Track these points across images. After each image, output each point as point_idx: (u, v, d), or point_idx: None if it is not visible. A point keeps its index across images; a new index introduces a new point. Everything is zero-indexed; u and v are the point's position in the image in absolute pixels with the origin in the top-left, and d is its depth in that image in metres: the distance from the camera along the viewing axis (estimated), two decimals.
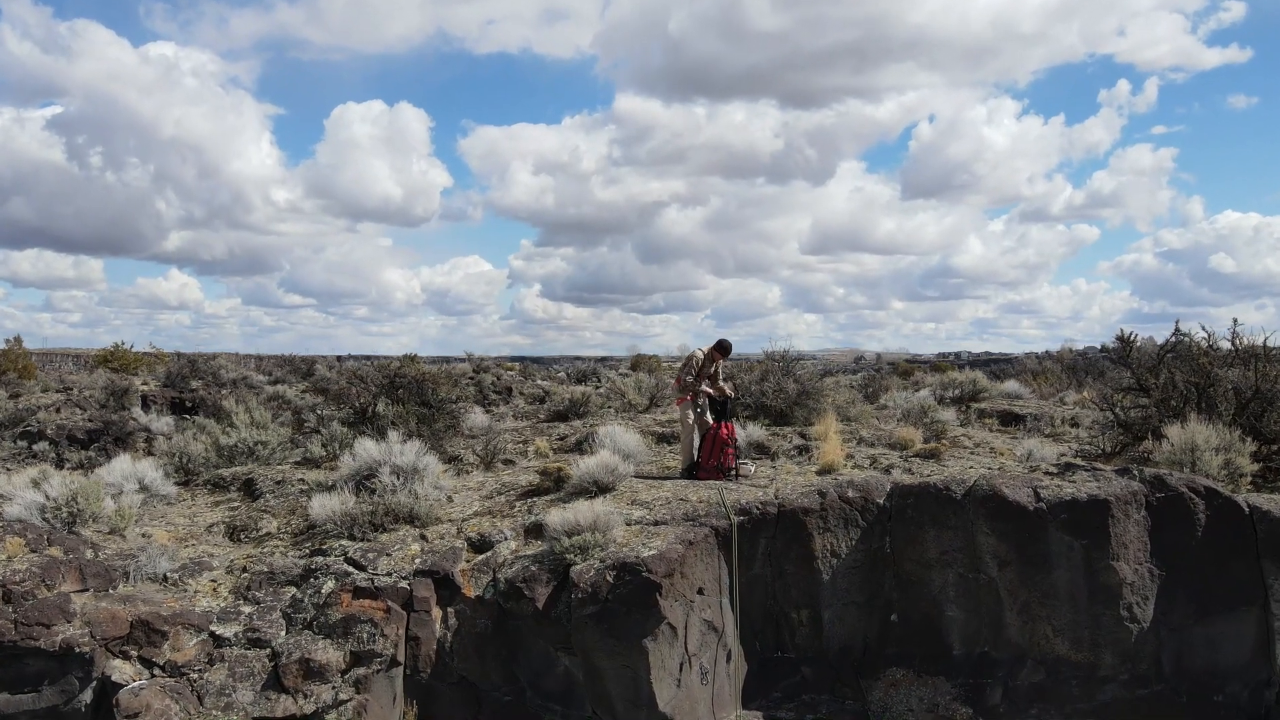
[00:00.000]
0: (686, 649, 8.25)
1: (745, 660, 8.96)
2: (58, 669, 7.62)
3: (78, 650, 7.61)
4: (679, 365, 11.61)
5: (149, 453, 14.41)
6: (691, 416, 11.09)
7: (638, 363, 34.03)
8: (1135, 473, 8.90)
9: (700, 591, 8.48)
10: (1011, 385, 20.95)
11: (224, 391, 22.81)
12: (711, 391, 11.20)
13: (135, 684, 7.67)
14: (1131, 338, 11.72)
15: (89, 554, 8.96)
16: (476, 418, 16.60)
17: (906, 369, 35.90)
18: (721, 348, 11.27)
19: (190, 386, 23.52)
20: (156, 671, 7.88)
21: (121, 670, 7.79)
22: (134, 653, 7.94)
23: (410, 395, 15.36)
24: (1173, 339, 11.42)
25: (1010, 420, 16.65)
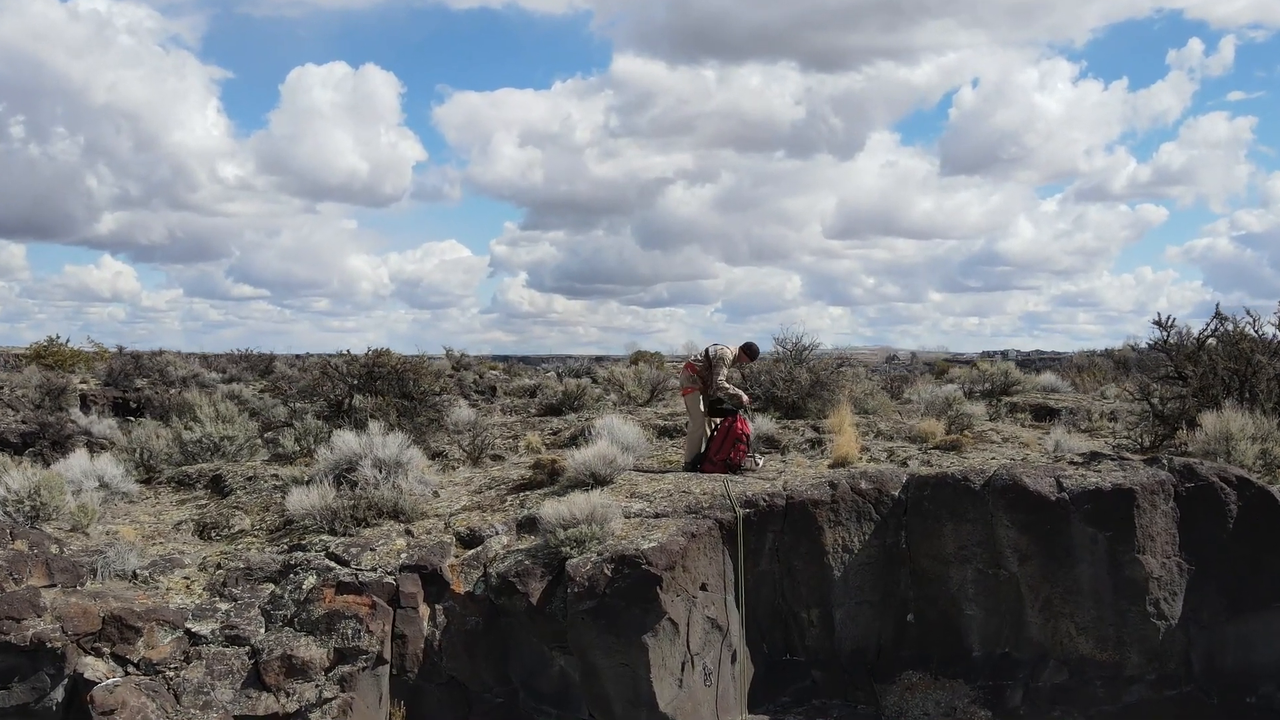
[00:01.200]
0: (689, 647, 8.82)
1: (752, 663, 9.53)
2: (28, 665, 8.18)
3: (49, 645, 8.18)
4: (704, 358, 11.94)
5: (101, 450, 14.94)
6: (703, 406, 11.64)
7: (637, 361, 34.58)
8: (1164, 462, 9.48)
9: (703, 587, 9.05)
10: (1048, 378, 21.49)
11: (172, 391, 23.05)
12: (743, 396, 11.72)
13: (109, 681, 8.24)
14: (1170, 322, 12.28)
15: (53, 549, 9.52)
16: (461, 412, 17.16)
17: (944, 368, 36.15)
18: (750, 352, 11.81)
19: (135, 385, 23.67)
20: (131, 669, 8.45)
21: (94, 668, 8.35)
22: (107, 650, 8.51)
23: (389, 387, 15.92)
24: (1213, 324, 11.98)
25: (1044, 415, 17.17)
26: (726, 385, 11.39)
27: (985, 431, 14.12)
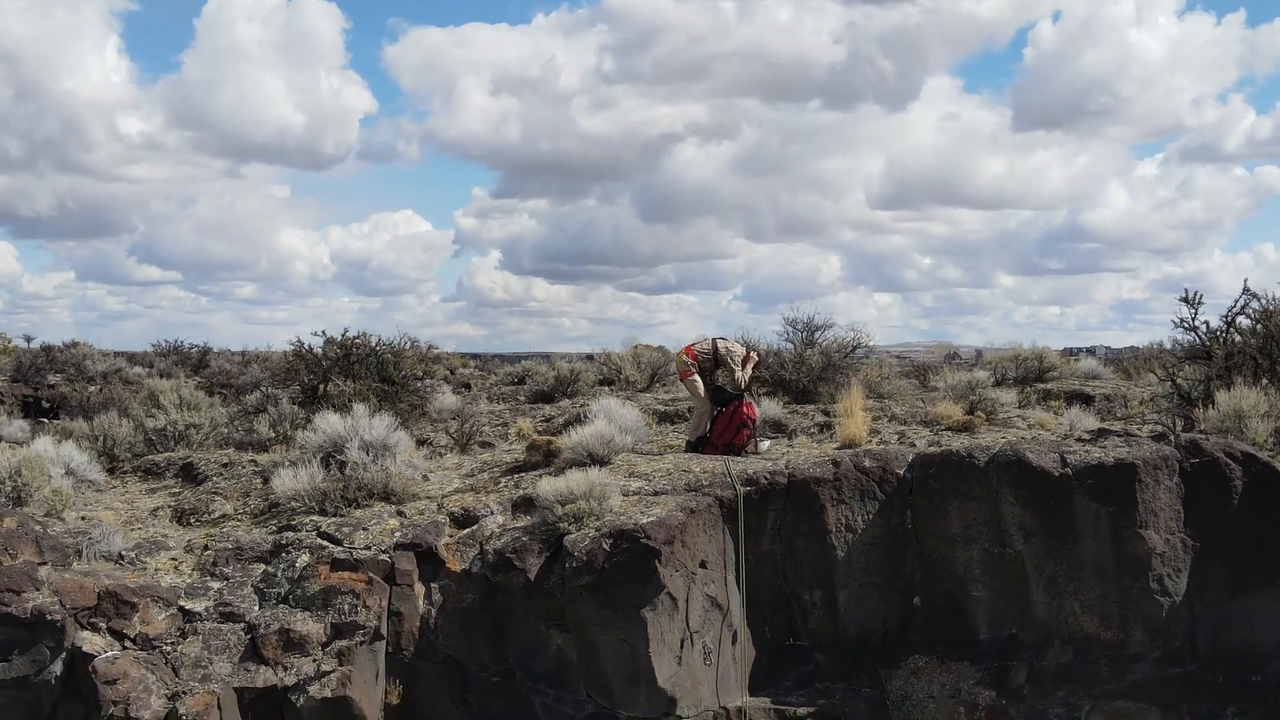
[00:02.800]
0: (688, 624, 10.29)
1: (754, 646, 11.00)
2: (28, 638, 9.65)
3: (49, 618, 9.65)
4: (711, 350, 13.46)
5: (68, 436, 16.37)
6: (703, 389, 13.09)
7: (636, 355, 35.82)
8: (1171, 438, 10.94)
9: (703, 565, 10.52)
10: (1088, 364, 22.99)
11: (92, 388, 23.61)
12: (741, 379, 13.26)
13: (109, 653, 9.71)
14: (1197, 298, 13.73)
15: (38, 529, 10.99)
16: (445, 398, 18.64)
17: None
18: (749, 359, 13.54)
19: (48, 383, 24.08)
20: (127, 644, 9.93)
21: (92, 641, 9.83)
22: (103, 625, 9.98)
23: (368, 371, 17.42)
24: (1242, 299, 13.44)
25: (1079, 402, 18.61)
26: (745, 381, 12.94)
27: (1010, 417, 15.58)
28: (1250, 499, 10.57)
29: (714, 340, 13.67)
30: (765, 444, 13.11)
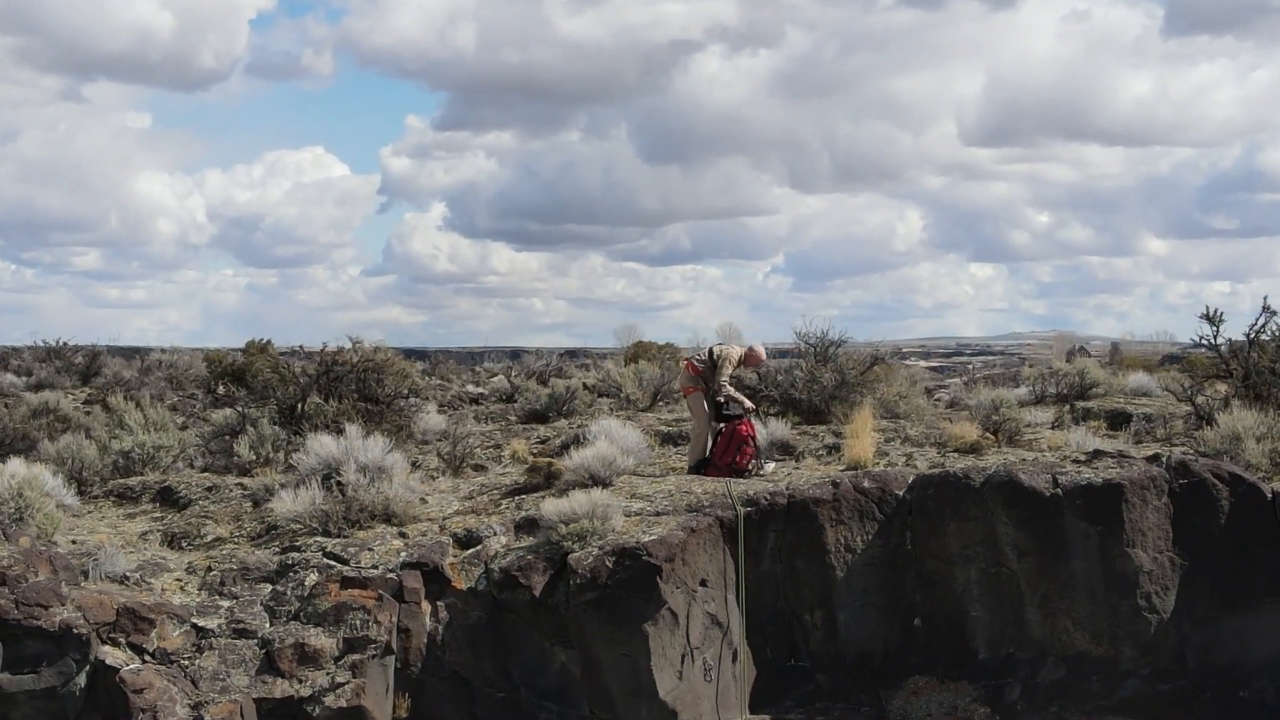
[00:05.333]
0: (688, 640, 13.63)
1: (754, 666, 14.34)
2: (55, 651, 12.98)
3: (75, 631, 12.98)
4: (708, 358, 16.84)
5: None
6: (707, 407, 16.44)
7: (636, 355, 37.96)
8: (1163, 459, 14.27)
9: (703, 583, 13.86)
10: (1139, 379, 26.12)
11: None
12: (746, 401, 16.56)
13: (133, 665, 13.05)
14: (1219, 316, 17.08)
15: (43, 549, 14.34)
16: (431, 418, 22.03)
17: (1146, 363, 34.02)
18: (754, 356, 16.86)
19: None
20: (147, 658, 13.26)
21: (114, 655, 13.16)
22: (123, 639, 13.32)
23: (350, 389, 20.86)
24: (1262, 318, 16.79)
25: (1122, 422, 21.85)
26: (728, 386, 16.18)
27: (1036, 438, 18.87)
28: (1236, 518, 13.88)
29: (710, 348, 17.02)
30: (770, 466, 16.44)
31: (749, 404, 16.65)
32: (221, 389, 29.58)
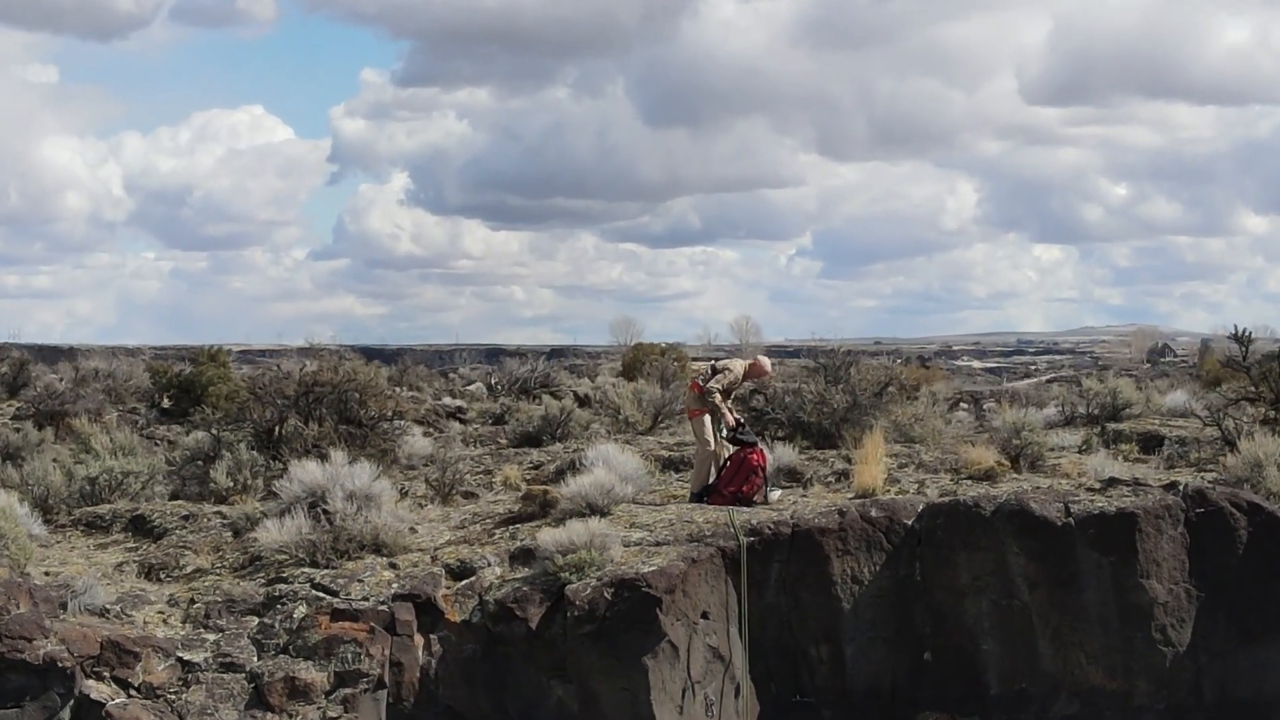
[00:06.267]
0: (689, 674, 14.62)
1: (758, 702, 15.33)
2: (39, 685, 13.95)
3: (60, 665, 13.96)
4: (709, 372, 17.91)
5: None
6: (711, 431, 17.42)
7: (636, 361, 37.60)
8: (1179, 487, 15.27)
9: (705, 615, 14.86)
10: (1177, 398, 27.00)
11: None
12: (729, 415, 17.54)
13: (119, 700, 14.01)
14: (1247, 336, 18.10)
15: (19, 580, 15.31)
16: (417, 442, 23.02)
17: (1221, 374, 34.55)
18: (758, 367, 17.83)
19: None
20: (132, 692, 14.24)
21: (99, 689, 14.15)
22: (107, 673, 14.31)
23: (330, 411, 21.84)
24: None
25: (1154, 445, 22.78)
26: (717, 395, 17.14)
27: (1059, 463, 19.86)
28: (1255, 549, 14.93)
29: (713, 363, 18.02)
30: (776, 493, 17.45)
31: (731, 419, 17.45)
32: (168, 402, 30.16)
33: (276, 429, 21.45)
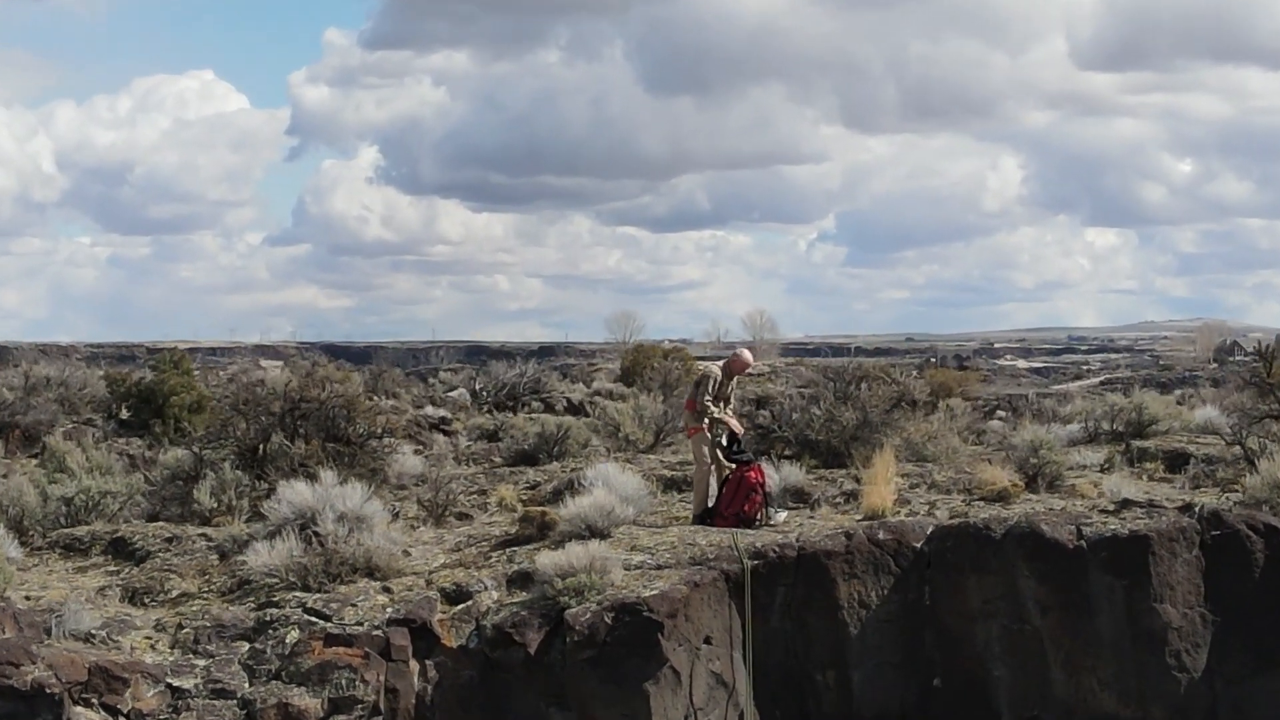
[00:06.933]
0: (692, 701, 15.36)
1: None
2: (27, 711, 14.67)
3: (48, 691, 14.67)
4: (694, 386, 18.76)
5: None
6: (708, 452, 18.17)
7: (636, 364, 37.54)
8: (1195, 509, 16.01)
9: (707, 640, 15.59)
10: (1207, 414, 27.48)
11: None
12: (732, 422, 18.28)
13: None
14: (1270, 352, 18.82)
15: (2, 604, 16.01)
16: (407, 460, 23.72)
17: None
18: (733, 364, 18.53)
19: None
20: (121, 719, 14.92)
21: (87, 716, 14.88)
22: (95, 700, 15.03)
23: (316, 427, 22.52)
24: None
25: (1180, 463, 23.39)
26: (711, 408, 17.90)
27: (1079, 484, 20.54)
28: (1272, 572, 15.71)
29: (695, 380, 18.84)
30: (782, 515, 18.21)
31: (736, 425, 18.23)
32: (126, 413, 30.41)
33: (261, 447, 22.09)
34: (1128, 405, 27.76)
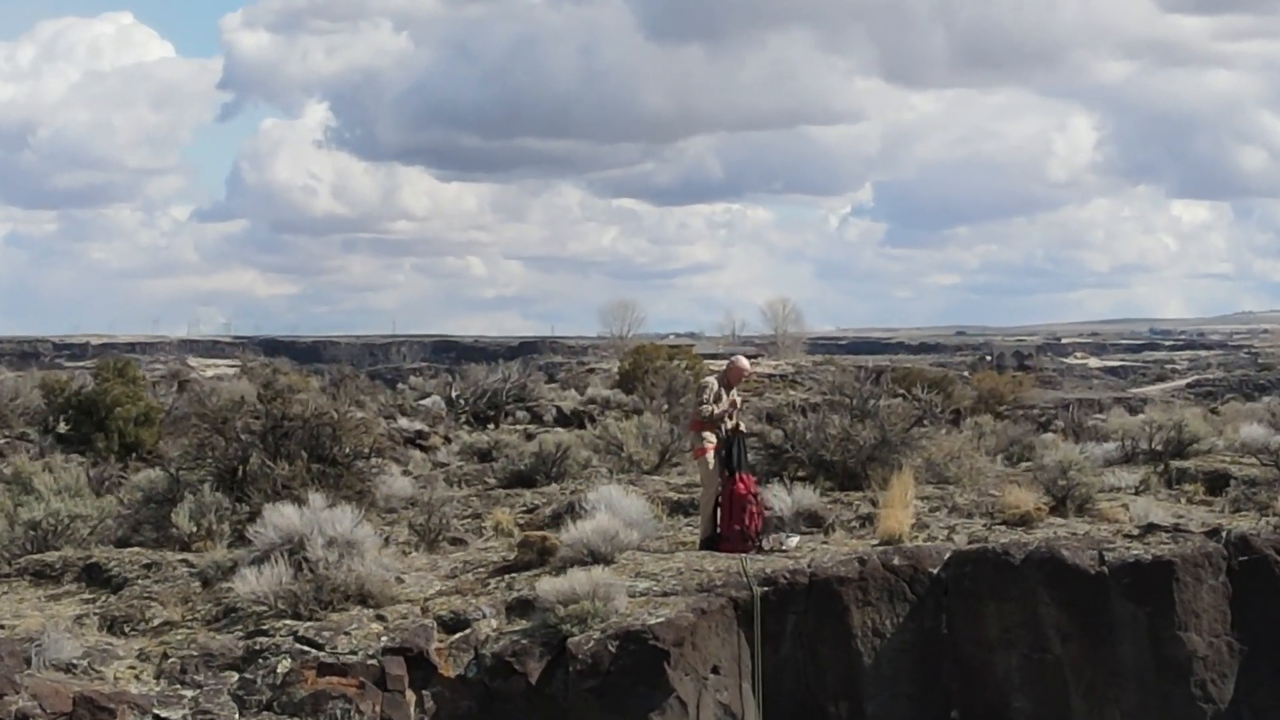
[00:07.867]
0: None
1: None
2: None
3: None
4: (697, 400, 19.80)
5: None
6: (715, 467, 19.17)
7: (636, 368, 37.46)
8: (1223, 534, 17.02)
9: (715, 670, 16.63)
10: (1254, 432, 28.09)
11: None
12: (733, 423, 19.34)
13: None
14: None
15: None
16: (396, 483, 24.72)
17: None
18: (732, 371, 19.71)
19: None
20: None
21: None
22: None
23: (301, 447, 23.48)
24: None
25: (1221, 485, 24.24)
26: (708, 410, 18.92)
27: (1112, 507, 21.46)
28: None
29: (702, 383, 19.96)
30: (794, 540, 19.25)
31: (719, 410, 19.41)
32: (64, 426, 30.80)
33: (240, 468, 23.02)
34: (1167, 423, 28.46)
